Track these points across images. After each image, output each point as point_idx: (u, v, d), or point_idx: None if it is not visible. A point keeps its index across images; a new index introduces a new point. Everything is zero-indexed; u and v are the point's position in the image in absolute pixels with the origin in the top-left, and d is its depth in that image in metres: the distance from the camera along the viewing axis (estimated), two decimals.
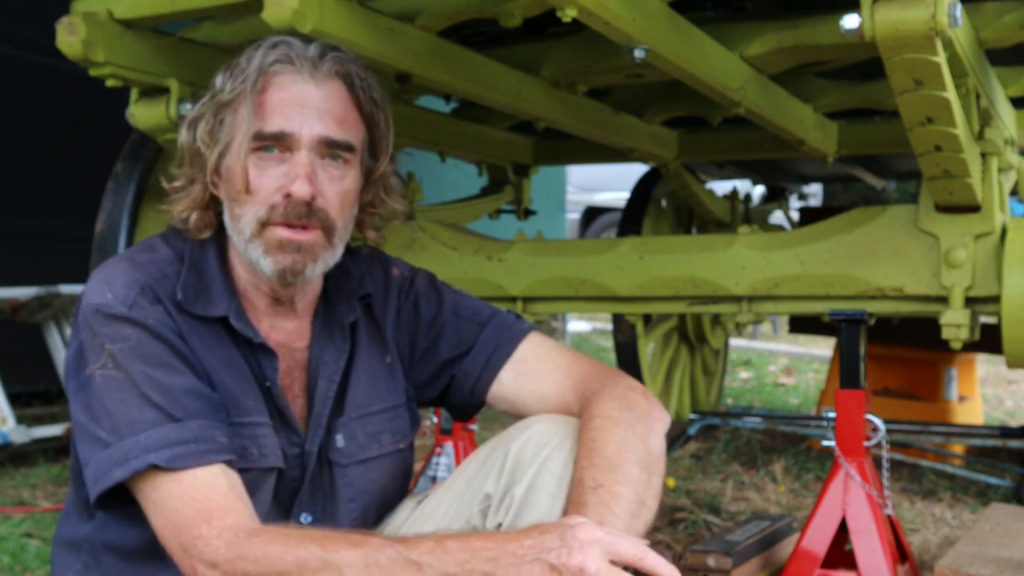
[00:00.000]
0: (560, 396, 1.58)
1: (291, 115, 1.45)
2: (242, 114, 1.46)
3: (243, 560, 1.28)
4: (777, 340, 9.88)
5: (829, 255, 2.75)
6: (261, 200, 1.46)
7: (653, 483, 1.42)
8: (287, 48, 1.48)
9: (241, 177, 1.45)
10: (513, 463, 1.46)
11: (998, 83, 2.80)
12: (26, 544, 2.91)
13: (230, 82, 1.48)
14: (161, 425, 1.36)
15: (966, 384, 4.63)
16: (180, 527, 1.32)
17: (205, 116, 1.50)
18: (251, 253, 1.48)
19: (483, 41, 2.76)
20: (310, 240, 1.47)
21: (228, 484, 1.36)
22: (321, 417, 1.55)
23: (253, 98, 1.45)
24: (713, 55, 2.46)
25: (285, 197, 1.45)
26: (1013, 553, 2.19)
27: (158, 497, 1.35)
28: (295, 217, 1.45)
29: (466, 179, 5.87)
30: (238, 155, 1.46)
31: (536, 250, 3.14)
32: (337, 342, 1.59)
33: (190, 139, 1.51)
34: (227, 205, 1.51)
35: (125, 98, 2.50)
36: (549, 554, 1.22)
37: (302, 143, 1.45)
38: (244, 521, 1.33)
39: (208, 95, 1.52)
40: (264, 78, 1.46)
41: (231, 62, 1.52)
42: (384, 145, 1.57)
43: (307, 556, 1.26)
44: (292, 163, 1.46)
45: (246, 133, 1.45)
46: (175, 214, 1.53)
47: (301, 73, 1.47)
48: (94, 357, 1.40)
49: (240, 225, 1.48)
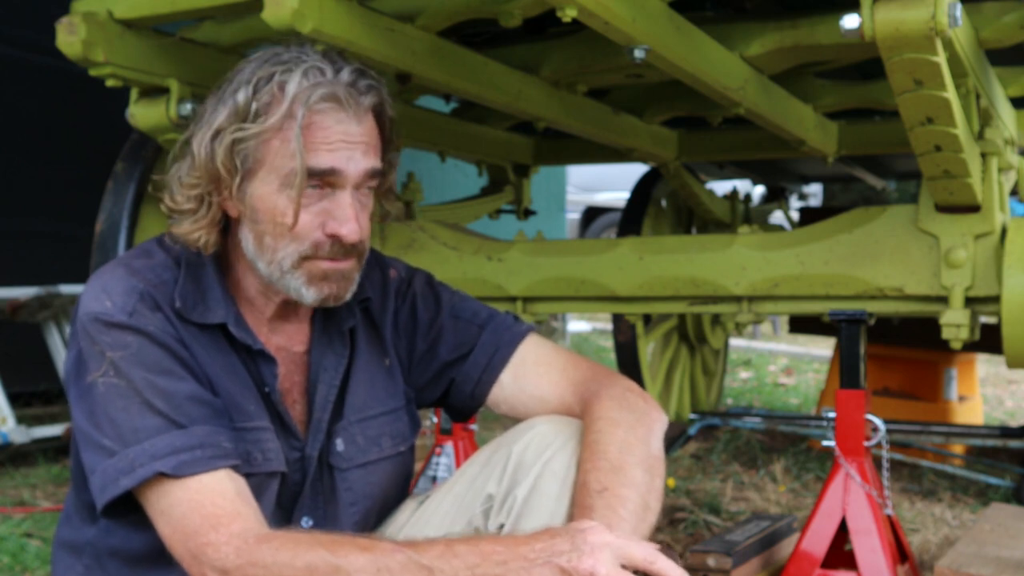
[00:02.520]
0: (560, 398, 1.58)
1: (339, 153, 1.43)
2: (283, 148, 1.41)
3: (253, 566, 1.28)
4: (777, 340, 9.89)
5: (829, 255, 2.75)
6: (303, 237, 1.44)
7: (656, 485, 1.42)
8: (325, 80, 1.42)
9: (292, 214, 1.42)
10: (515, 464, 1.46)
11: (998, 83, 2.80)
12: (26, 544, 2.91)
13: (256, 105, 1.41)
14: (166, 432, 1.35)
15: (966, 384, 4.63)
16: (188, 534, 1.32)
17: (224, 136, 1.43)
18: (289, 283, 1.46)
19: (483, 41, 2.76)
20: (350, 268, 1.48)
21: (235, 489, 1.36)
22: (321, 422, 1.55)
23: (300, 134, 1.40)
24: (713, 55, 2.46)
25: (330, 236, 1.44)
26: (1013, 553, 2.19)
27: (165, 504, 1.34)
28: (341, 256, 1.46)
29: (466, 179, 5.87)
30: (280, 191, 1.42)
31: (536, 250, 3.14)
32: (336, 347, 1.59)
33: (207, 158, 1.44)
34: (252, 231, 1.47)
35: (125, 98, 2.50)
36: (560, 557, 1.23)
37: (348, 181, 1.44)
38: (252, 527, 1.33)
39: (225, 110, 1.44)
40: (308, 114, 1.41)
41: (252, 74, 1.44)
42: (393, 159, 1.57)
43: (317, 561, 1.26)
44: (337, 203, 1.44)
45: (299, 170, 1.40)
46: (189, 238, 1.47)
47: (346, 111, 1.43)
48: (95, 365, 1.39)
49: (276, 257, 1.45)
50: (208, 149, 1.43)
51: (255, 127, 1.41)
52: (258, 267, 1.48)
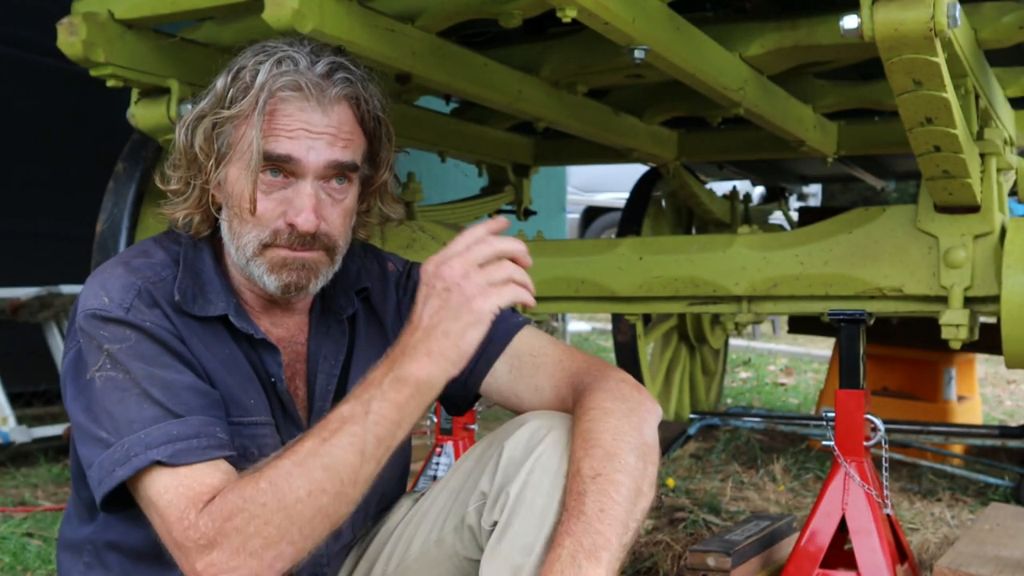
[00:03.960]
0: (555, 389, 1.58)
1: (298, 141, 1.44)
2: (247, 133, 1.45)
3: (228, 518, 1.28)
4: (777, 340, 9.89)
5: (829, 255, 2.75)
6: (264, 223, 1.46)
7: (649, 472, 1.42)
8: (294, 69, 1.45)
9: (248, 198, 1.44)
10: (507, 461, 1.46)
11: (997, 83, 2.80)
12: (27, 544, 2.92)
13: (232, 92, 1.46)
14: (162, 421, 1.35)
15: (965, 384, 4.64)
16: (172, 522, 1.31)
17: (204, 122, 1.48)
18: (253, 270, 1.49)
19: (483, 41, 2.77)
20: (313, 258, 1.48)
21: (224, 477, 1.35)
22: (322, 411, 1.55)
23: (261, 120, 1.43)
24: (713, 55, 2.47)
25: (288, 226, 1.46)
26: (1012, 553, 2.19)
27: (154, 492, 1.33)
28: (299, 244, 1.47)
29: (466, 179, 5.87)
30: (244, 175, 1.45)
31: (536, 250, 3.13)
32: (335, 336, 1.60)
33: (187, 143, 1.50)
34: (226, 215, 1.51)
35: (125, 98, 2.50)
36: None
37: (308, 170, 1.45)
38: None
39: (208, 98, 1.50)
40: (272, 101, 1.44)
41: (233, 63, 1.50)
42: (384, 157, 1.57)
43: (274, 472, 1.30)
44: (297, 191, 1.46)
45: (255, 154, 1.43)
46: (178, 219, 1.52)
47: (309, 100, 1.45)
48: (93, 360, 1.39)
49: (242, 242, 1.48)
50: (189, 133, 1.50)
51: (228, 112, 1.46)
52: (231, 253, 1.51)
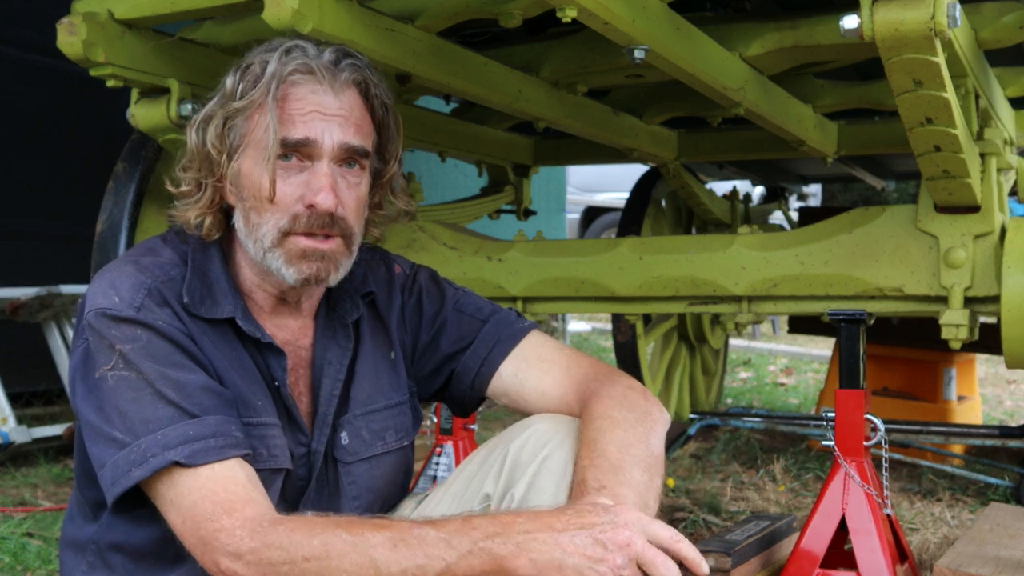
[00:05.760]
0: (560, 394, 1.59)
1: (313, 123, 1.45)
2: (261, 122, 1.45)
3: (268, 548, 1.27)
4: (777, 340, 9.89)
5: (829, 255, 2.75)
6: (283, 210, 1.46)
7: (655, 484, 1.42)
8: (303, 56, 1.47)
9: (268, 186, 1.44)
10: (512, 463, 1.46)
11: (997, 83, 2.80)
12: (27, 544, 2.91)
13: (242, 86, 1.47)
14: (178, 422, 1.35)
15: (965, 384, 4.64)
16: (199, 521, 1.31)
17: (215, 120, 1.49)
18: (271, 262, 1.48)
19: (483, 41, 2.77)
20: (332, 249, 1.48)
21: (247, 477, 1.36)
22: (327, 416, 1.55)
23: (275, 105, 1.44)
24: (713, 55, 2.47)
25: (308, 207, 1.45)
26: (1012, 553, 2.19)
27: (175, 494, 1.34)
28: (318, 227, 1.46)
29: (466, 179, 5.88)
30: (261, 163, 1.45)
31: (536, 250, 3.14)
32: (340, 340, 1.60)
33: (199, 142, 1.50)
34: (241, 211, 1.50)
35: (125, 98, 2.50)
36: (593, 529, 1.22)
37: (324, 151, 1.46)
38: (265, 511, 1.32)
39: (217, 97, 1.50)
40: (284, 87, 1.45)
41: (240, 62, 1.50)
42: (393, 149, 1.58)
43: (333, 540, 1.26)
44: (314, 173, 1.46)
45: (272, 139, 1.43)
46: (190, 220, 1.51)
47: (321, 83, 1.46)
48: (104, 359, 1.39)
49: (259, 234, 1.47)
50: (200, 132, 1.50)
51: (239, 104, 1.46)
52: (248, 248, 1.50)
